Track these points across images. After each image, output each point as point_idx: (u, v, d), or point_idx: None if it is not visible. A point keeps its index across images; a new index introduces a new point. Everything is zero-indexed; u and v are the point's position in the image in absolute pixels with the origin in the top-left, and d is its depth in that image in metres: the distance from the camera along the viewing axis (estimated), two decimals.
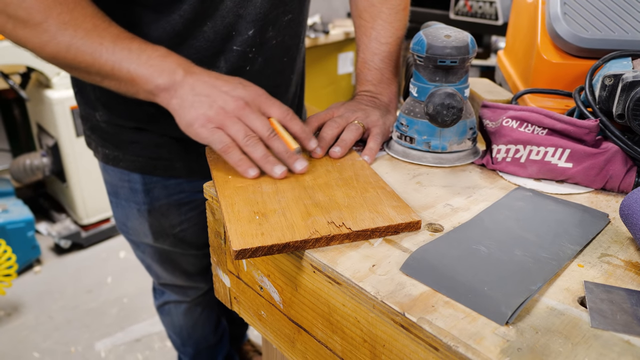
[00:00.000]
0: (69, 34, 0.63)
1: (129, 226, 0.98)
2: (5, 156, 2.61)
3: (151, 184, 0.91)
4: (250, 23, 0.77)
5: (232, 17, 0.75)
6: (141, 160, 0.88)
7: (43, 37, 0.63)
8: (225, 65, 0.79)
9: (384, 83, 0.83)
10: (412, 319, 0.42)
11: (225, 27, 0.76)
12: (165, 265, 1.06)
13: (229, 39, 0.77)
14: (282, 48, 0.84)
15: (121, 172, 0.91)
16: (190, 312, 1.22)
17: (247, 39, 0.78)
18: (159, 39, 0.73)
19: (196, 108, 0.63)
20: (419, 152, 0.71)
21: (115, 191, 0.95)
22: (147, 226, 0.95)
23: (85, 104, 0.89)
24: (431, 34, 0.68)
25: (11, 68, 2.20)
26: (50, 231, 2.34)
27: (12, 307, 2.00)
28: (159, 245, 1.00)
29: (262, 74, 0.83)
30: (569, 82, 0.76)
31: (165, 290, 1.20)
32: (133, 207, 0.94)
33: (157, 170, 0.89)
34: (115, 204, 0.97)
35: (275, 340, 0.62)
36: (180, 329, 1.27)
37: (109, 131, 0.87)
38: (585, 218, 0.56)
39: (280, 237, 0.51)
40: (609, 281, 0.46)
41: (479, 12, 2.30)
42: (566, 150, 0.63)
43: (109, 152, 0.90)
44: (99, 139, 0.90)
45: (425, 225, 0.55)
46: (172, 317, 1.25)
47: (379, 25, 0.81)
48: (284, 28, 0.82)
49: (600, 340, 0.39)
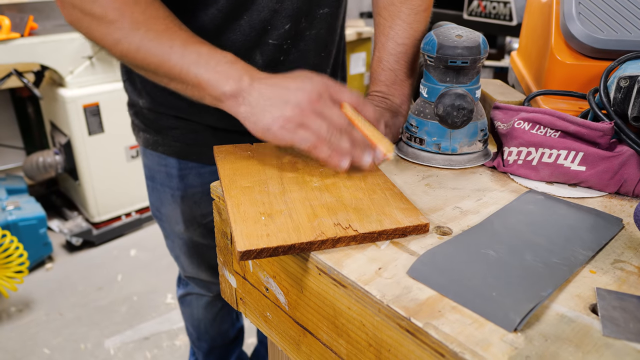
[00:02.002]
0: (140, 35, 0.63)
1: (163, 212, 1.00)
2: (19, 154, 2.64)
3: (186, 169, 0.94)
4: (286, 18, 0.78)
5: (268, 12, 0.76)
6: (178, 146, 0.92)
7: (115, 35, 0.63)
8: (261, 58, 0.81)
9: (396, 84, 0.81)
10: (418, 324, 0.41)
11: (260, 22, 0.77)
12: (192, 258, 1.07)
13: (265, 33, 0.78)
14: (317, 41, 0.84)
15: (159, 157, 0.94)
16: (210, 306, 1.23)
17: (283, 32, 0.79)
18: (198, 32, 0.73)
19: (270, 111, 0.61)
20: (428, 153, 0.70)
21: (152, 175, 0.98)
22: (179, 212, 0.97)
23: (132, 92, 0.93)
24: (442, 34, 0.67)
25: (25, 66, 2.22)
26: (62, 228, 2.36)
27: (24, 304, 2.02)
28: (188, 236, 1.01)
29: (297, 66, 0.83)
30: (583, 83, 0.75)
31: (189, 282, 1.21)
32: (167, 192, 0.97)
33: (192, 156, 0.92)
34: (151, 188, 1.00)
35: (280, 342, 0.62)
36: (199, 322, 1.27)
37: (151, 117, 0.92)
38: (598, 223, 0.55)
39: (286, 239, 0.50)
40: (622, 288, 0.45)
41: (493, 12, 2.28)
42: (579, 153, 0.62)
43: (150, 137, 0.94)
44: (141, 124, 0.94)
45: (433, 228, 0.55)
46: (192, 308, 1.26)
47: (397, 25, 0.80)
48: (319, 21, 0.81)
49: (612, 350, 0.38)
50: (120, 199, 2.43)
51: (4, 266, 1.84)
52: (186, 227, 1.00)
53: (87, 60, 2.19)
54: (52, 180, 2.65)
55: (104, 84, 2.24)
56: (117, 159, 2.34)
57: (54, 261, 2.30)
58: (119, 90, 2.26)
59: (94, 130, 2.23)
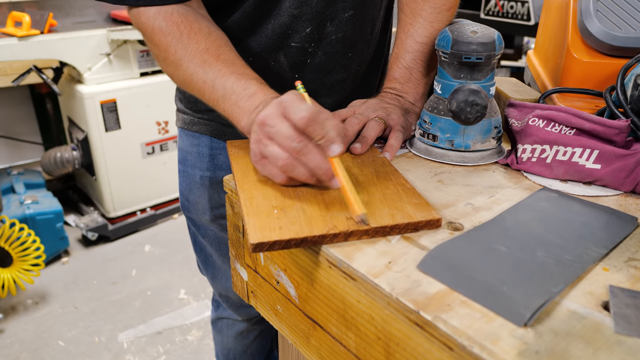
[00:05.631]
0: (183, 69, 0.71)
1: (191, 201, 1.00)
2: (37, 149, 2.68)
3: (218, 149, 0.94)
4: (307, 22, 0.78)
5: (287, 17, 0.78)
6: (212, 125, 0.93)
7: (168, 70, 0.74)
8: (285, 60, 0.82)
9: (411, 82, 0.81)
10: (427, 317, 0.41)
11: (281, 26, 0.78)
12: (222, 251, 1.03)
13: (286, 37, 0.80)
14: (344, 43, 0.83)
15: (193, 136, 0.96)
16: (242, 337, 1.19)
17: (305, 35, 0.80)
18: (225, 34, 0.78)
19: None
20: (441, 150, 0.70)
21: (184, 157, 0.99)
22: (207, 198, 0.97)
23: None
24: (457, 30, 0.67)
25: (45, 63, 2.26)
26: (78, 223, 2.39)
27: (40, 296, 2.05)
28: (215, 231, 1.00)
29: (324, 68, 0.84)
30: (599, 81, 0.74)
31: (220, 304, 1.17)
32: (197, 174, 0.97)
33: (225, 136, 0.93)
34: (182, 173, 1.01)
35: (290, 335, 0.62)
36: (228, 351, 1.23)
37: (192, 100, 0.94)
38: (613, 221, 0.54)
39: (298, 232, 0.51)
40: (636, 286, 0.45)
41: (510, 12, 2.26)
42: (594, 151, 0.61)
43: (186, 117, 0.96)
44: (183, 107, 0.97)
45: (445, 224, 0.54)
46: (223, 336, 1.21)
47: (418, 22, 0.78)
48: (344, 24, 0.81)
49: (624, 347, 0.38)
50: (136, 195, 2.45)
51: (21, 259, 1.87)
52: (213, 218, 0.98)
53: (104, 57, 2.21)
54: (69, 176, 2.69)
55: (121, 81, 2.27)
56: (133, 156, 2.37)
57: (70, 255, 2.33)
58: (136, 87, 2.28)
59: (110, 126, 2.25)
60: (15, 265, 1.86)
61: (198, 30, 0.71)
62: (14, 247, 1.84)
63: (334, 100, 0.88)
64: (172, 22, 0.70)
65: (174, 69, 0.72)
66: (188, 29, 0.70)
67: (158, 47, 0.72)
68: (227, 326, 1.20)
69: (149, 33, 0.72)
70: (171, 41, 0.70)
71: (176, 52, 0.70)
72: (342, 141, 0.57)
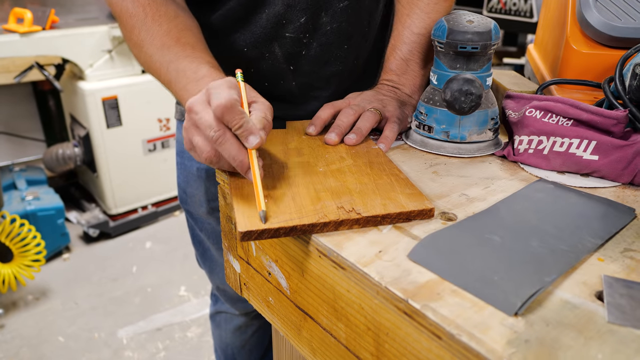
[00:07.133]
0: (144, 51, 0.72)
1: (188, 193, 0.99)
2: (40, 146, 2.68)
3: None
4: (301, 11, 0.77)
5: (282, 6, 0.76)
6: None
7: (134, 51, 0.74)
8: (280, 51, 0.81)
9: (407, 74, 0.80)
10: (415, 306, 0.40)
11: (275, 16, 0.77)
12: (219, 244, 1.02)
13: (281, 27, 0.78)
14: (339, 35, 0.82)
15: None
16: (240, 331, 1.18)
17: (300, 25, 0.78)
18: (220, 26, 0.79)
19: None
20: (437, 141, 0.69)
21: (182, 149, 0.98)
22: (203, 191, 0.96)
23: None
24: (453, 20, 0.66)
25: (47, 59, 2.26)
26: (79, 220, 2.40)
27: (40, 292, 2.05)
28: (212, 224, 0.99)
29: (320, 60, 0.82)
30: (599, 73, 0.73)
31: (219, 298, 1.17)
32: (194, 166, 0.96)
33: None
34: (180, 165, 1.00)
35: (282, 327, 0.61)
36: (227, 346, 1.22)
37: None
38: (610, 212, 0.53)
39: (288, 220, 0.50)
40: (631, 277, 0.44)
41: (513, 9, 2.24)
42: (592, 142, 0.60)
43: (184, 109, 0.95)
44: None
45: (438, 214, 0.54)
46: (221, 331, 1.21)
47: (415, 14, 0.78)
48: (339, 14, 0.80)
49: (617, 336, 0.37)
50: (137, 192, 2.45)
51: (22, 254, 1.87)
52: (209, 210, 0.98)
53: (106, 54, 2.21)
54: (71, 172, 2.69)
55: (122, 78, 2.27)
56: (134, 152, 2.36)
57: (71, 251, 2.33)
58: (138, 84, 2.28)
59: (112, 123, 2.25)
60: (16, 261, 1.86)
61: (164, 13, 0.71)
62: (15, 242, 1.84)
63: (330, 93, 0.87)
64: (139, 4, 0.71)
65: (138, 50, 0.73)
66: (153, 11, 0.71)
67: (125, 28, 0.73)
68: (225, 321, 1.19)
69: (118, 13, 0.73)
70: (135, 23, 0.71)
71: (139, 33, 0.71)
72: (262, 133, 0.55)
